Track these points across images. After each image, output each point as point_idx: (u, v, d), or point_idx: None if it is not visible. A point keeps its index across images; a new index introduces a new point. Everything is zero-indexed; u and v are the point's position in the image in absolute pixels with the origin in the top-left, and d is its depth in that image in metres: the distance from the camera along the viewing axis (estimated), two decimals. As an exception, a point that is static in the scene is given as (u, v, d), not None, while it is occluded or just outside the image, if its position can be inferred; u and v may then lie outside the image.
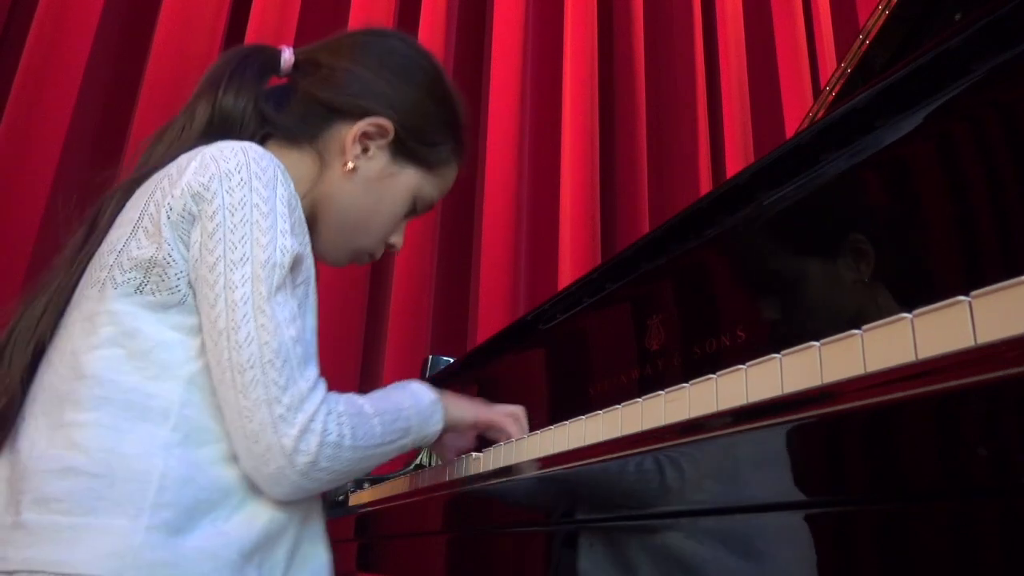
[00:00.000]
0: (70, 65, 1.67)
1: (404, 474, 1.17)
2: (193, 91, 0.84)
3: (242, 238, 0.68)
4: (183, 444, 0.67)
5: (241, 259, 0.67)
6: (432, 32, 2.04)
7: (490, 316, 1.88)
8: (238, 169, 0.70)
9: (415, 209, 0.90)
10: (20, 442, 0.68)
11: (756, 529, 0.38)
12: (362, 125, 0.82)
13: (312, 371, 0.68)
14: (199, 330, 0.69)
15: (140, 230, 0.71)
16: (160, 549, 0.62)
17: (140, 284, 0.69)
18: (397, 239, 0.91)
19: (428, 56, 0.91)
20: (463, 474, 0.79)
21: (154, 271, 0.69)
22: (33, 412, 0.69)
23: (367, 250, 0.89)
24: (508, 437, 0.83)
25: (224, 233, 0.68)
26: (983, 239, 0.50)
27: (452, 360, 1.40)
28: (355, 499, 1.21)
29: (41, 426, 0.68)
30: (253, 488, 0.69)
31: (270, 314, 0.67)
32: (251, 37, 1.83)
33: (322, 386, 0.69)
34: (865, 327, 0.37)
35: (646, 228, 2.10)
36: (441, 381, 1.11)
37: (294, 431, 0.65)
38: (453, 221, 2.01)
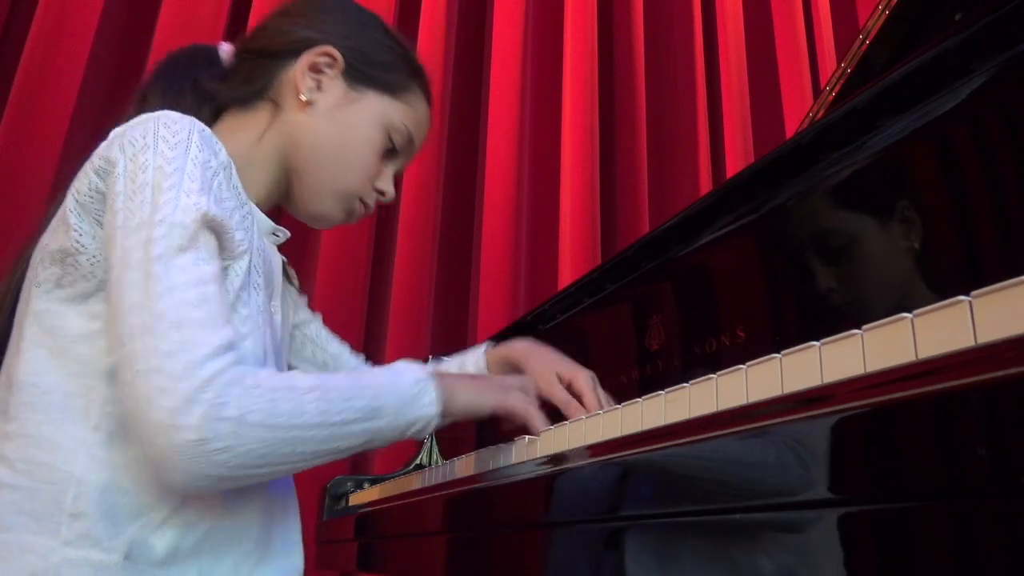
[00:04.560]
0: (70, 65, 1.67)
1: (404, 474, 1.17)
2: None
3: (141, 203, 0.61)
4: (107, 444, 0.63)
5: (139, 225, 0.60)
6: (432, 32, 2.04)
7: (490, 316, 1.88)
8: (143, 135, 0.64)
9: (394, 147, 0.85)
10: None
11: (752, 529, 0.38)
12: (308, 56, 0.80)
13: (215, 338, 0.58)
14: None
15: (59, 223, 0.68)
16: (80, 566, 0.60)
17: (59, 278, 0.66)
18: (385, 184, 0.86)
19: (362, 5, 0.90)
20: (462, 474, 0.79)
21: (68, 261, 0.65)
22: None
23: (354, 191, 0.83)
24: (529, 425, 0.75)
25: (124, 200, 0.62)
26: (983, 239, 0.50)
27: (452, 360, 1.40)
28: (355, 499, 1.21)
29: None
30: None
31: (160, 276, 0.58)
32: (251, 37, 1.83)
33: (229, 356, 0.58)
34: (865, 327, 0.37)
35: (646, 228, 2.10)
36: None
37: (174, 403, 0.54)
38: (453, 221, 2.01)
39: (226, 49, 0.86)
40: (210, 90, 0.80)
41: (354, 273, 1.83)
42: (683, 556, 0.43)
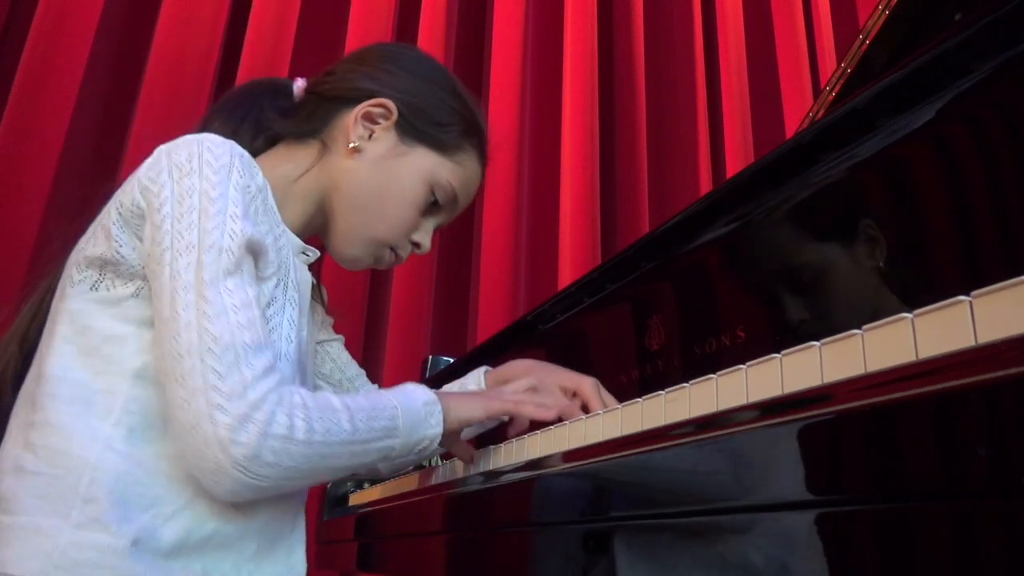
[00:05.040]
0: (70, 65, 1.67)
1: (404, 474, 1.17)
2: (192, 91, 0.86)
3: (189, 226, 0.65)
4: (127, 439, 0.65)
5: (187, 247, 0.65)
6: (432, 32, 2.04)
7: (490, 316, 1.88)
8: (188, 159, 0.68)
9: (437, 202, 0.87)
10: None
11: (750, 530, 0.38)
12: (364, 106, 0.83)
13: (261, 360, 0.63)
14: (152, 322, 0.67)
15: (100, 229, 0.71)
16: (87, 548, 0.61)
17: (96, 282, 0.69)
18: (422, 237, 0.88)
19: (436, 61, 0.93)
20: (464, 473, 0.79)
21: (107, 269, 0.69)
22: (12, 415, 0.70)
23: (386, 241, 0.86)
24: (531, 418, 0.77)
25: (172, 223, 0.66)
26: (983, 239, 0.50)
27: (452, 360, 1.40)
28: (355, 499, 1.21)
29: (12, 428, 0.69)
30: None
31: (212, 299, 0.63)
32: (251, 37, 1.83)
33: (273, 376, 0.64)
34: (865, 327, 0.37)
35: (646, 228, 2.10)
36: (442, 380, 1.10)
37: (231, 420, 0.60)
38: (453, 221, 2.00)
39: (299, 85, 0.89)
40: (269, 122, 0.84)
41: (354, 273, 1.83)
42: (683, 557, 0.43)
